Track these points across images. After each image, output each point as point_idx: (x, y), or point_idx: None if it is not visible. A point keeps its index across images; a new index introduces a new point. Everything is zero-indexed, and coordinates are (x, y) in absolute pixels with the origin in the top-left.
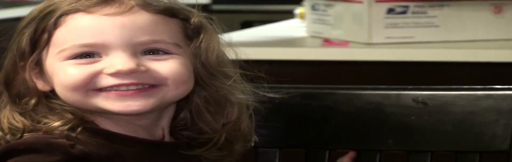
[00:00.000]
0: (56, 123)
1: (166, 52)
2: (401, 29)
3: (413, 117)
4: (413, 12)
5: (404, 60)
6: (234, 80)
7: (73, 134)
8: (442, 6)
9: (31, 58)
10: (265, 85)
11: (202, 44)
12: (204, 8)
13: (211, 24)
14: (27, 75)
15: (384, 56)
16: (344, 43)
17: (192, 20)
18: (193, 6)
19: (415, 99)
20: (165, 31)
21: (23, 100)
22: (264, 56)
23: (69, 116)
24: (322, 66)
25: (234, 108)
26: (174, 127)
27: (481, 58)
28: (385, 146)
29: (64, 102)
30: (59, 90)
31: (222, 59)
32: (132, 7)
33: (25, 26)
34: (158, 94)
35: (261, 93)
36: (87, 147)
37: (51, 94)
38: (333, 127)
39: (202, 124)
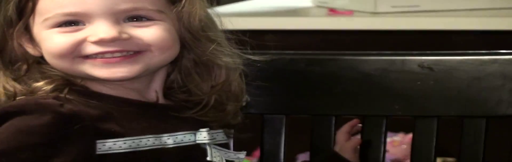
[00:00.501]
0: (40, 83)
1: (149, 19)
2: None
3: (419, 83)
4: None
5: (409, 29)
6: (219, 44)
7: (61, 95)
8: None
9: (18, 26)
10: (251, 51)
11: (185, 8)
12: None
13: None
14: (16, 42)
15: (390, 25)
16: (349, 13)
17: None
18: None
19: (420, 64)
20: None
21: (15, 66)
22: (269, 26)
23: (58, 78)
24: (327, 36)
25: (222, 70)
26: (168, 90)
27: (486, 26)
28: (391, 112)
29: (53, 67)
30: (47, 58)
31: (204, 24)
32: None
33: None
34: (143, 60)
35: (246, 56)
36: (76, 107)
37: (42, 59)
38: (338, 93)
39: (191, 85)
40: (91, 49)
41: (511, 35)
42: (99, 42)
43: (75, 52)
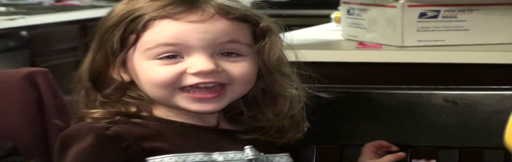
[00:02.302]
0: (96, 115)
1: (238, 54)
2: (432, 32)
3: (443, 116)
4: (444, 16)
5: (435, 62)
6: (289, 78)
7: (115, 119)
8: (471, 10)
9: (121, 55)
10: (316, 85)
11: (266, 45)
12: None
13: (276, 27)
14: (116, 69)
15: (416, 58)
16: (377, 46)
17: (261, 24)
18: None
19: (445, 98)
20: (239, 34)
21: (106, 90)
22: (305, 58)
23: (124, 108)
24: (357, 68)
25: (286, 100)
26: (236, 116)
27: (508, 60)
28: (416, 142)
29: (138, 93)
30: (147, 86)
31: (281, 59)
32: (213, 15)
33: (112, 28)
34: (228, 94)
35: (312, 91)
36: (123, 129)
37: (129, 84)
38: (368, 125)
39: (257, 113)
40: (190, 80)
41: None
42: (198, 74)
43: (176, 83)
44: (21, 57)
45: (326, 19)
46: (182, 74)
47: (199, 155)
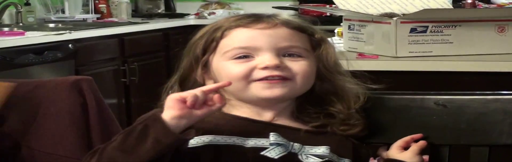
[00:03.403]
0: None
1: (299, 55)
2: (422, 45)
3: (434, 117)
4: (431, 31)
5: (424, 70)
6: (345, 76)
7: None
8: (455, 26)
9: (202, 60)
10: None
11: (323, 52)
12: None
13: (328, 38)
14: (198, 73)
15: (408, 67)
16: (375, 57)
17: (316, 35)
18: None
19: (436, 102)
20: (298, 40)
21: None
22: None
23: None
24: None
25: (351, 95)
26: (301, 113)
27: (488, 69)
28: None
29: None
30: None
31: (337, 62)
32: (276, 24)
33: (199, 38)
34: (290, 85)
35: (364, 85)
36: None
37: None
38: (368, 125)
39: (327, 108)
40: (260, 74)
41: (508, 76)
42: (266, 68)
43: (249, 77)
44: (67, 66)
45: (330, 33)
46: (253, 69)
47: (232, 138)
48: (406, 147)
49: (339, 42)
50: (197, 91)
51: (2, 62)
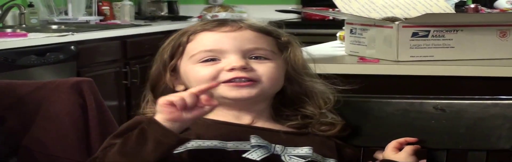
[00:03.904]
0: (151, 114)
1: (265, 58)
2: (423, 49)
3: (433, 121)
4: (433, 36)
5: (425, 75)
6: (315, 77)
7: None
8: (456, 31)
9: (170, 65)
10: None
11: (291, 54)
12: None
13: (296, 40)
14: (167, 78)
15: (409, 72)
16: (376, 61)
17: (282, 38)
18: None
19: (435, 106)
20: (263, 43)
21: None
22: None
23: None
24: (357, 79)
25: (319, 95)
26: (277, 116)
27: (489, 74)
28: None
29: None
30: (194, 84)
31: (305, 64)
32: (240, 27)
33: (167, 45)
34: (258, 86)
35: (334, 86)
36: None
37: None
38: (367, 129)
39: (299, 109)
40: (227, 75)
41: (509, 81)
42: (231, 70)
43: (217, 79)
44: (69, 68)
45: (332, 37)
46: (220, 71)
47: (214, 142)
48: (400, 148)
49: (340, 46)
50: (186, 93)
51: (4, 63)
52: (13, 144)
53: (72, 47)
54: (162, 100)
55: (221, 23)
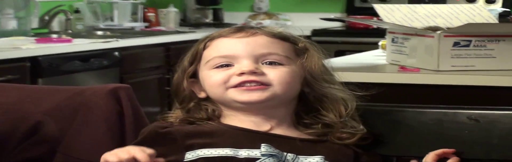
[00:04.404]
0: (171, 119)
1: (279, 63)
2: (464, 59)
3: (466, 131)
4: (475, 46)
5: (466, 85)
6: (334, 83)
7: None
8: (498, 40)
9: (188, 71)
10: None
11: (307, 59)
12: (306, 38)
13: (314, 47)
14: (185, 85)
15: (450, 81)
16: (416, 70)
17: (299, 44)
18: (300, 36)
19: (469, 116)
20: (278, 48)
21: (185, 103)
22: (351, 79)
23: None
24: (398, 89)
25: (340, 102)
26: (298, 123)
27: None
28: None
29: (211, 104)
30: (209, 90)
31: (322, 69)
32: (255, 33)
33: (188, 52)
34: (269, 90)
35: (352, 92)
36: (175, 129)
37: (204, 100)
38: (399, 138)
39: (319, 116)
40: (236, 79)
41: None
42: (242, 74)
43: (227, 83)
44: (113, 74)
45: (374, 46)
46: (231, 76)
47: (225, 150)
48: (439, 160)
49: (382, 54)
50: (136, 152)
51: (48, 69)
52: (49, 149)
53: (116, 53)
54: (104, 159)
55: (237, 29)
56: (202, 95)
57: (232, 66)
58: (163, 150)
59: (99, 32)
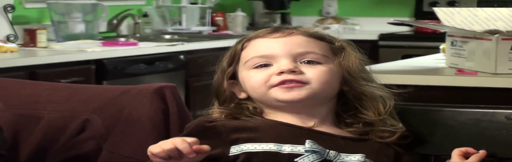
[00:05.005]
0: (216, 115)
1: (317, 62)
2: None
3: (504, 131)
4: None
5: None
6: (372, 82)
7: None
8: None
9: (227, 72)
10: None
11: (344, 58)
12: (372, 43)
13: (350, 46)
14: (225, 86)
15: (506, 84)
16: (474, 73)
17: (335, 43)
18: (363, 42)
19: (507, 116)
20: (315, 47)
21: (227, 103)
22: (412, 82)
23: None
24: (455, 91)
25: (378, 100)
26: (340, 122)
27: None
28: None
29: (251, 102)
30: (250, 90)
31: (359, 68)
32: (291, 33)
33: (226, 53)
34: (307, 88)
35: (389, 90)
36: (221, 123)
37: (245, 100)
38: (438, 138)
39: (359, 115)
40: (276, 79)
41: None
42: (281, 73)
43: (268, 83)
44: (178, 77)
45: (438, 49)
46: (271, 75)
47: (269, 145)
48: (465, 156)
49: (443, 58)
50: (177, 142)
51: (113, 71)
52: (95, 147)
53: (182, 56)
54: (149, 151)
55: (274, 30)
56: (242, 95)
57: (271, 65)
58: (209, 144)
59: (167, 36)
